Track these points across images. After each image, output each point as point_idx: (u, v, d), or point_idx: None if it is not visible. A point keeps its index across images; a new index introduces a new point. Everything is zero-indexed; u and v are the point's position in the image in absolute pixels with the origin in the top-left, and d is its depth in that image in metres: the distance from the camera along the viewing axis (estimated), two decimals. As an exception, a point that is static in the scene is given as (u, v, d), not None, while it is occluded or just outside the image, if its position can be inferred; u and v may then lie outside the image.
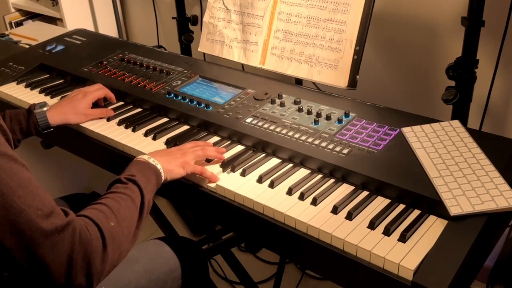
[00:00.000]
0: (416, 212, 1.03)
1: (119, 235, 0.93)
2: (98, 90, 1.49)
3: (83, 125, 1.43)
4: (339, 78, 1.43)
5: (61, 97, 1.57)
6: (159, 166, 1.11)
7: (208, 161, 1.23)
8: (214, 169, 1.21)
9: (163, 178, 1.12)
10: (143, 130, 1.38)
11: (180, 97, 1.48)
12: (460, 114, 1.50)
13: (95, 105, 1.49)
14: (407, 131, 1.22)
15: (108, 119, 1.45)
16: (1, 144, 0.85)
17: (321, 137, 1.24)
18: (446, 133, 1.20)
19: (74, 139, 1.48)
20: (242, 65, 1.74)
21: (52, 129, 1.38)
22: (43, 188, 0.87)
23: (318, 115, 1.31)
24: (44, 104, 1.39)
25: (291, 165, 1.21)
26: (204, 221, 2.01)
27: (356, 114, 1.32)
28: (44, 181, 2.12)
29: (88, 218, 0.91)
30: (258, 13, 1.59)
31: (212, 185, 1.17)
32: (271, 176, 1.16)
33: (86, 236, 0.87)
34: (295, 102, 1.39)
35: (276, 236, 1.09)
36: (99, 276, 0.89)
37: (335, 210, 1.04)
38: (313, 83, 1.65)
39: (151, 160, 1.11)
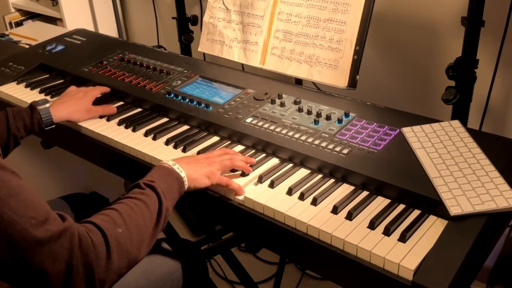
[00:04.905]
0: (416, 212, 1.03)
1: (127, 242, 0.90)
2: (95, 89, 1.51)
3: (83, 125, 1.43)
4: (339, 78, 1.43)
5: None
6: (183, 174, 1.07)
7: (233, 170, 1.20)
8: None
9: (186, 186, 1.08)
10: (143, 130, 1.38)
11: (180, 97, 1.48)
12: (460, 114, 1.50)
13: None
14: (407, 131, 1.22)
15: (108, 119, 1.45)
16: None
17: (321, 137, 1.24)
18: (446, 133, 1.20)
19: (74, 139, 1.48)
20: (242, 65, 1.74)
21: (54, 125, 1.39)
22: (36, 193, 0.85)
23: (318, 115, 1.31)
24: (46, 101, 1.39)
25: (291, 165, 1.21)
26: (204, 221, 2.01)
27: (356, 114, 1.32)
28: (44, 181, 2.14)
29: (93, 224, 0.88)
30: (258, 13, 1.59)
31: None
32: (271, 176, 1.16)
33: (87, 242, 0.84)
34: (295, 102, 1.39)
35: (276, 236, 1.09)
36: (102, 284, 0.86)
37: (335, 210, 1.04)
38: (313, 83, 1.65)
39: (176, 167, 1.07)
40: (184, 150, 1.28)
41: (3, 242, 0.79)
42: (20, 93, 1.64)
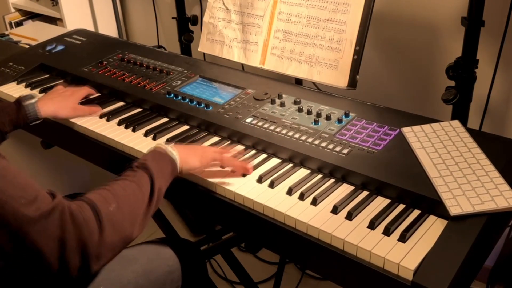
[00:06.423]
0: (416, 212, 1.03)
1: (119, 220, 0.93)
2: (82, 89, 1.53)
3: (83, 125, 1.43)
4: (339, 78, 1.43)
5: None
6: (175, 156, 1.12)
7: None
8: (214, 169, 1.21)
9: (178, 168, 1.13)
10: (143, 130, 1.38)
11: (180, 97, 1.48)
12: (460, 114, 1.50)
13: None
14: (407, 131, 1.22)
15: (108, 119, 1.45)
16: None
17: (321, 137, 1.24)
18: (446, 133, 1.20)
19: (74, 139, 1.48)
20: (242, 65, 1.74)
21: (39, 121, 1.40)
22: (23, 174, 0.87)
23: (318, 115, 1.31)
24: (31, 96, 1.40)
25: (291, 165, 1.21)
26: (204, 221, 2.01)
27: (356, 114, 1.32)
28: (44, 181, 2.13)
29: (85, 202, 0.91)
30: (258, 13, 1.59)
31: (212, 185, 1.17)
32: (271, 176, 1.16)
33: (79, 218, 0.87)
34: (295, 102, 1.39)
35: (276, 236, 1.09)
36: (96, 260, 0.89)
37: (335, 210, 1.04)
38: (313, 83, 1.65)
39: (168, 149, 1.13)
40: (184, 150, 1.28)
41: None
42: (20, 93, 1.62)
